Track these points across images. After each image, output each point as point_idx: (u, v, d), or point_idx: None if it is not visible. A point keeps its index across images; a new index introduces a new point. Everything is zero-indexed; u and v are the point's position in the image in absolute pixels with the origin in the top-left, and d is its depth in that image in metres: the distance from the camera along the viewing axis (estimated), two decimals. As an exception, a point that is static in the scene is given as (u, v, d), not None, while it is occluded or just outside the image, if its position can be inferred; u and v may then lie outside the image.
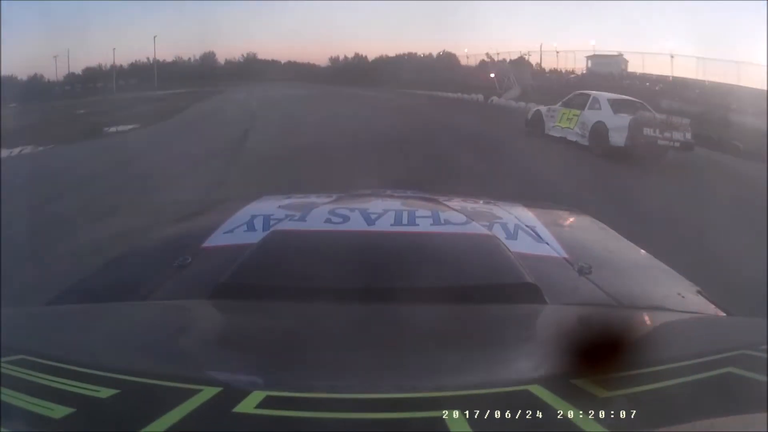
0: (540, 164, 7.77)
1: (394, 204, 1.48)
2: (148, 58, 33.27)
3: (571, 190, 5.47)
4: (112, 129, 14.75)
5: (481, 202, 1.67)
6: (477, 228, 1.23)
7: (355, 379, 0.69)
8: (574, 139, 9.88)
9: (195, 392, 0.56)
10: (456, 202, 1.59)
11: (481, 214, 1.46)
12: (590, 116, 9.60)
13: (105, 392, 0.57)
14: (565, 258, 1.20)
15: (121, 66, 31.69)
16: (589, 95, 10.08)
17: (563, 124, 10.30)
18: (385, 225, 1.22)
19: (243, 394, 0.56)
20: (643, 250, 1.43)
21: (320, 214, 1.29)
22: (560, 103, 10.68)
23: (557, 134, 10.33)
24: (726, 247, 3.77)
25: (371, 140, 9.44)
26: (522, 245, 1.21)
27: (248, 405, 0.54)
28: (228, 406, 0.54)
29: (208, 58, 37.13)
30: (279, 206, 1.48)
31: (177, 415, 0.52)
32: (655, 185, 6.85)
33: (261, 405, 0.55)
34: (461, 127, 12.07)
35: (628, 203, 5.37)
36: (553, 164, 7.82)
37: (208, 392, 0.56)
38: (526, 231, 1.31)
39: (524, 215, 1.49)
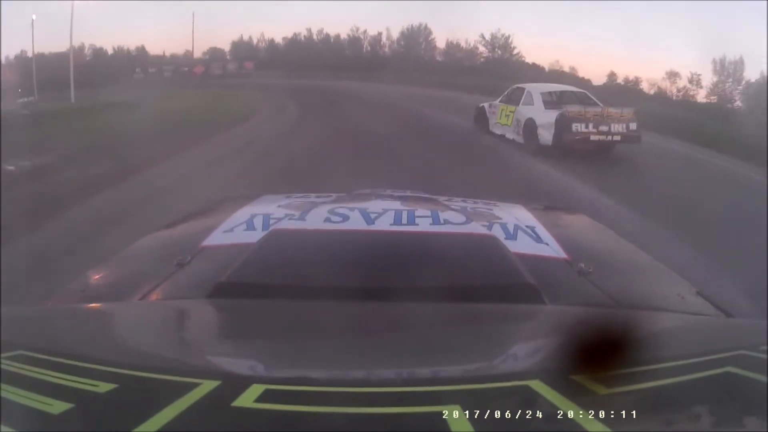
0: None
1: (394, 204, 1.48)
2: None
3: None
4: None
5: (481, 202, 1.68)
6: (477, 228, 1.24)
7: (355, 373, 0.69)
8: (511, 137, 9.18)
9: (194, 386, 0.56)
10: (456, 203, 1.59)
11: (481, 214, 1.46)
12: (524, 112, 8.83)
13: (103, 387, 0.57)
14: (564, 259, 1.20)
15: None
16: (523, 89, 9.26)
17: (502, 121, 9.62)
18: (384, 224, 1.23)
19: (242, 387, 0.56)
20: (642, 252, 1.43)
21: (320, 213, 1.29)
22: (500, 99, 9.94)
23: (498, 132, 9.70)
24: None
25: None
26: (522, 246, 1.21)
27: (247, 399, 0.54)
28: (227, 399, 0.54)
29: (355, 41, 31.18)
30: (278, 206, 1.49)
31: (176, 409, 0.52)
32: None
33: (260, 399, 0.54)
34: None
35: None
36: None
37: (207, 386, 0.56)
38: (525, 231, 1.31)
39: (524, 216, 1.49)
